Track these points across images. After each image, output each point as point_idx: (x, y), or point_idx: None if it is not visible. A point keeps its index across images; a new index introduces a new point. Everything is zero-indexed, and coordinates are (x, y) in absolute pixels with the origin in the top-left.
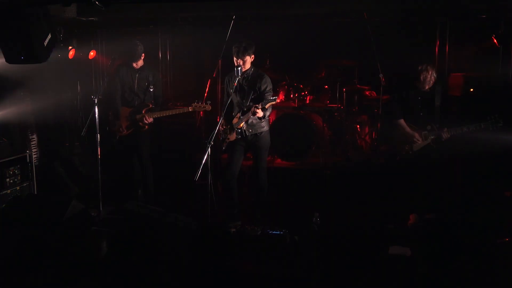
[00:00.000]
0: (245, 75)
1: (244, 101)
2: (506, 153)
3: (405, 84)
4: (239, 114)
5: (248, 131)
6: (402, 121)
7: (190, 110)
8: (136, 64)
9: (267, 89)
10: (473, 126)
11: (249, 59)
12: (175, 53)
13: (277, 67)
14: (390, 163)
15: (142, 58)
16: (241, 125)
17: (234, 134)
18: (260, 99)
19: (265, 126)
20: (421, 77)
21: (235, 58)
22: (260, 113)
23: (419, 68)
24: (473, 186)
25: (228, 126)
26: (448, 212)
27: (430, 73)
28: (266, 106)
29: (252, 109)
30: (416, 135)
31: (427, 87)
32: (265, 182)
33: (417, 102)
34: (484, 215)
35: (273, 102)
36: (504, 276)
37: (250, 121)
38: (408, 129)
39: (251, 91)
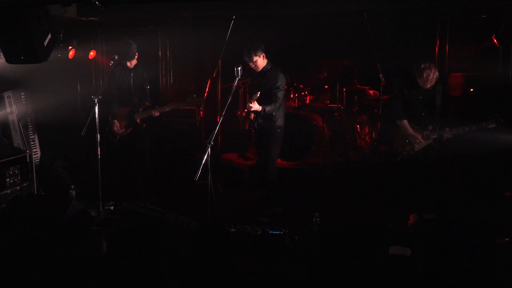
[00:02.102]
0: (261, 73)
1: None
2: (506, 153)
3: (407, 83)
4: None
5: (259, 123)
6: (405, 122)
7: (184, 104)
8: (130, 63)
9: (276, 85)
10: (475, 125)
11: (259, 59)
12: (175, 53)
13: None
14: (390, 163)
15: (136, 57)
16: (252, 116)
17: (252, 114)
18: (269, 95)
19: (277, 121)
20: (424, 75)
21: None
22: (255, 107)
23: (422, 66)
24: (473, 186)
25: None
26: (448, 212)
27: (433, 71)
28: (252, 103)
29: (247, 104)
30: (419, 136)
31: (429, 86)
32: (273, 174)
33: (419, 101)
34: (484, 215)
35: (255, 97)
36: (504, 276)
37: (263, 114)
38: (411, 130)
39: (265, 87)
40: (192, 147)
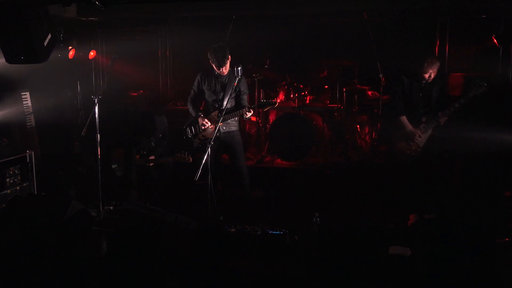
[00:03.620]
0: (225, 77)
1: (222, 100)
2: (506, 153)
3: (408, 81)
4: (217, 112)
5: (223, 128)
6: (404, 118)
7: (172, 159)
8: None
9: (244, 90)
10: (462, 98)
11: (228, 63)
12: (175, 53)
13: (277, 67)
14: (390, 163)
15: None
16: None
17: (211, 131)
18: (237, 100)
19: (236, 125)
20: (425, 64)
21: (216, 68)
22: (249, 114)
23: (425, 59)
24: (473, 186)
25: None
26: (448, 212)
27: (434, 60)
28: (265, 109)
29: (245, 109)
30: (419, 132)
31: (428, 73)
32: (248, 179)
33: (419, 99)
34: (484, 215)
35: (271, 106)
36: (504, 276)
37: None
38: (410, 126)
39: (230, 92)
40: (192, 147)
